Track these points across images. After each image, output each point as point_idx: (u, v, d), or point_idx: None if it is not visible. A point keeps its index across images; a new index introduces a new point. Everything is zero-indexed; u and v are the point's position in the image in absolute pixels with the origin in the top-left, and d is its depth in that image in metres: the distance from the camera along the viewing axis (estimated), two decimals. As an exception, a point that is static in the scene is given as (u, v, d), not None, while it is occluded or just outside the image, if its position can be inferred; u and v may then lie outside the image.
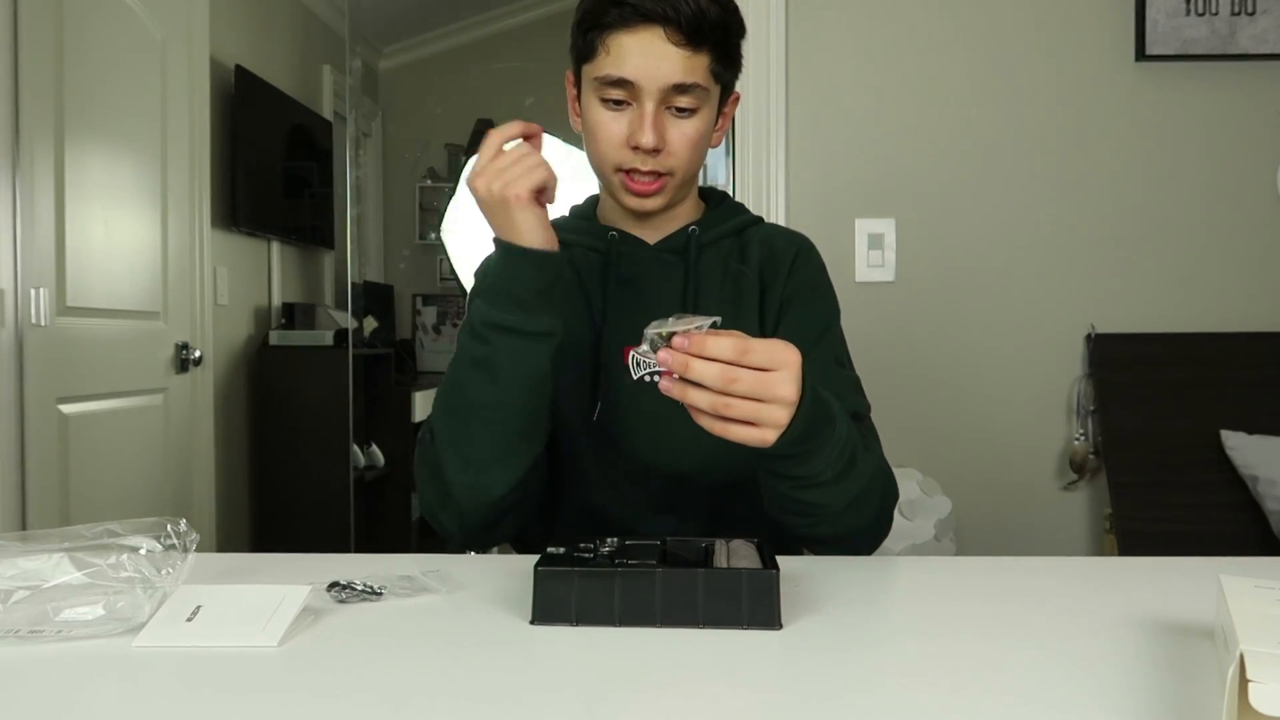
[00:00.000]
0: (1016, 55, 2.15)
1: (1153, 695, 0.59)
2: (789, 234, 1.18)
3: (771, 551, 0.78)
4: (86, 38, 2.27)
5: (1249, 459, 1.95)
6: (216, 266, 3.05)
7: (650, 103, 1.00)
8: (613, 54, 1.00)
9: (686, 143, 1.03)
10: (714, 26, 0.99)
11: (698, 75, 1.00)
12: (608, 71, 1.00)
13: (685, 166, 1.05)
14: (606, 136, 1.03)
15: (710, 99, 1.04)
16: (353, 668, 0.65)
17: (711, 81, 1.02)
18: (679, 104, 1.01)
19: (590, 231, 1.14)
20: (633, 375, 0.79)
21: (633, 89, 1.00)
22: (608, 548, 0.78)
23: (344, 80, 4.36)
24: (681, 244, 1.11)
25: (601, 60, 1.01)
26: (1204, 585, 0.73)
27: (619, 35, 0.99)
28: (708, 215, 1.15)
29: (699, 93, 1.01)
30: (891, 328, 2.14)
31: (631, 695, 0.60)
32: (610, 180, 1.07)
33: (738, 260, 1.12)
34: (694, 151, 1.04)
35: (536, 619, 0.73)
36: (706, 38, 0.99)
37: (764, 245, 1.14)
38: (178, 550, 0.76)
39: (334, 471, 3.45)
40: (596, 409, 1.07)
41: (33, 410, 2.08)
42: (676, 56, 0.99)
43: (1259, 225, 2.15)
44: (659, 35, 0.98)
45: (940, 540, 1.97)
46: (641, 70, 0.99)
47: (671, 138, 1.02)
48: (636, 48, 0.99)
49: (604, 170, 1.07)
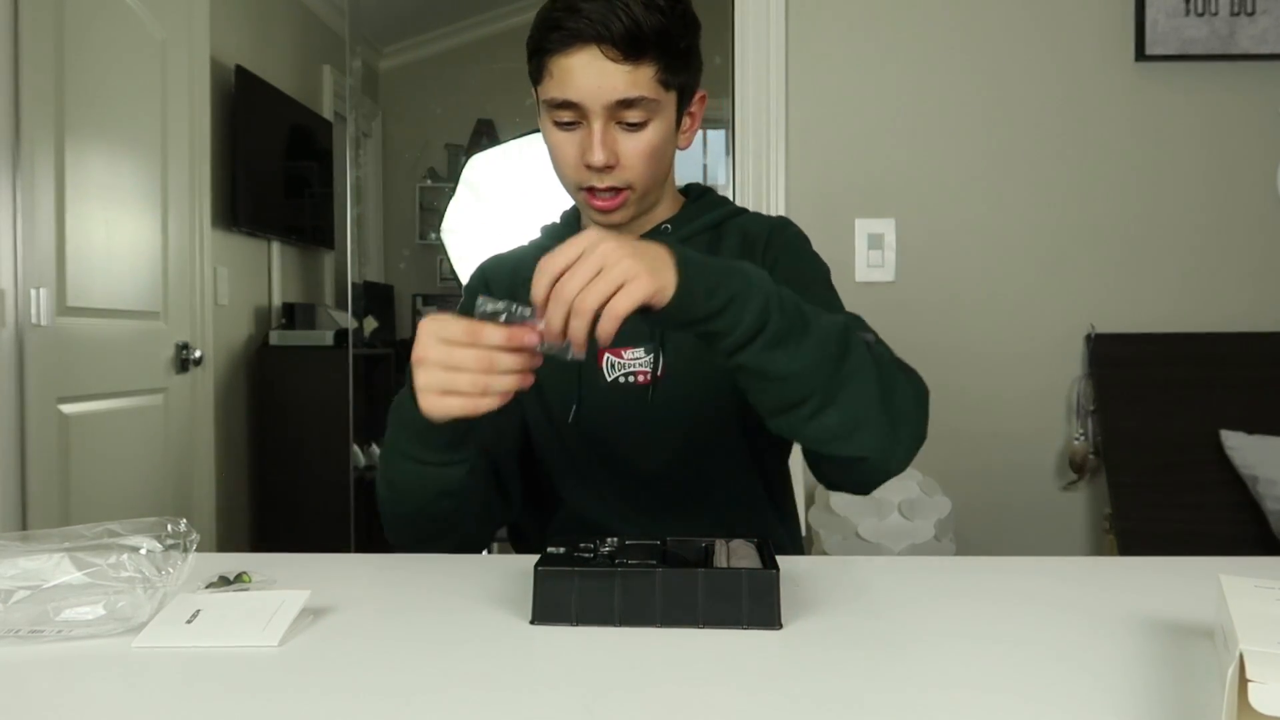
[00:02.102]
0: (1016, 55, 2.15)
1: (1153, 695, 0.59)
2: (766, 219, 1.17)
3: (772, 552, 0.78)
4: (87, 38, 2.27)
5: (1249, 459, 1.95)
6: (217, 266, 3.05)
7: (597, 121, 1.00)
8: (556, 77, 1.00)
9: (639, 156, 1.03)
10: (655, 34, 0.98)
11: (642, 88, 0.99)
12: (553, 94, 1.01)
13: (643, 179, 1.05)
14: (563, 158, 1.05)
15: (662, 108, 1.03)
16: (353, 668, 0.65)
17: (660, 91, 1.01)
18: (628, 119, 1.01)
19: (568, 235, 1.15)
20: (607, 377, 0.79)
21: (579, 109, 1.00)
22: (608, 548, 0.78)
23: (344, 80, 4.36)
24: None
25: (548, 84, 1.02)
26: (1204, 585, 0.73)
27: (559, 59, 0.99)
28: (683, 211, 1.15)
29: (647, 104, 1.00)
30: (891, 328, 2.12)
31: (631, 695, 0.60)
32: (577, 199, 1.09)
33: (711, 253, 1.12)
34: (649, 163, 1.04)
35: (537, 619, 0.73)
36: (648, 48, 0.98)
37: (740, 233, 1.14)
38: (178, 550, 0.76)
39: (334, 471, 3.45)
40: (572, 412, 1.07)
41: (33, 410, 2.08)
42: (617, 73, 0.98)
43: (1259, 225, 2.15)
44: (596, 54, 0.98)
45: (940, 540, 1.97)
46: (584, 91, 0.99)
47: (624, 152, 1.02)
48: (577, 69, 0.99)
49: (570, 190, 1.09)
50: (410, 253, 5.18)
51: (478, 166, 2.61)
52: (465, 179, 2.61)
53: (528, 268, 1.13)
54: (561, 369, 1.08)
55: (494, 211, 2.57)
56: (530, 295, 0.78)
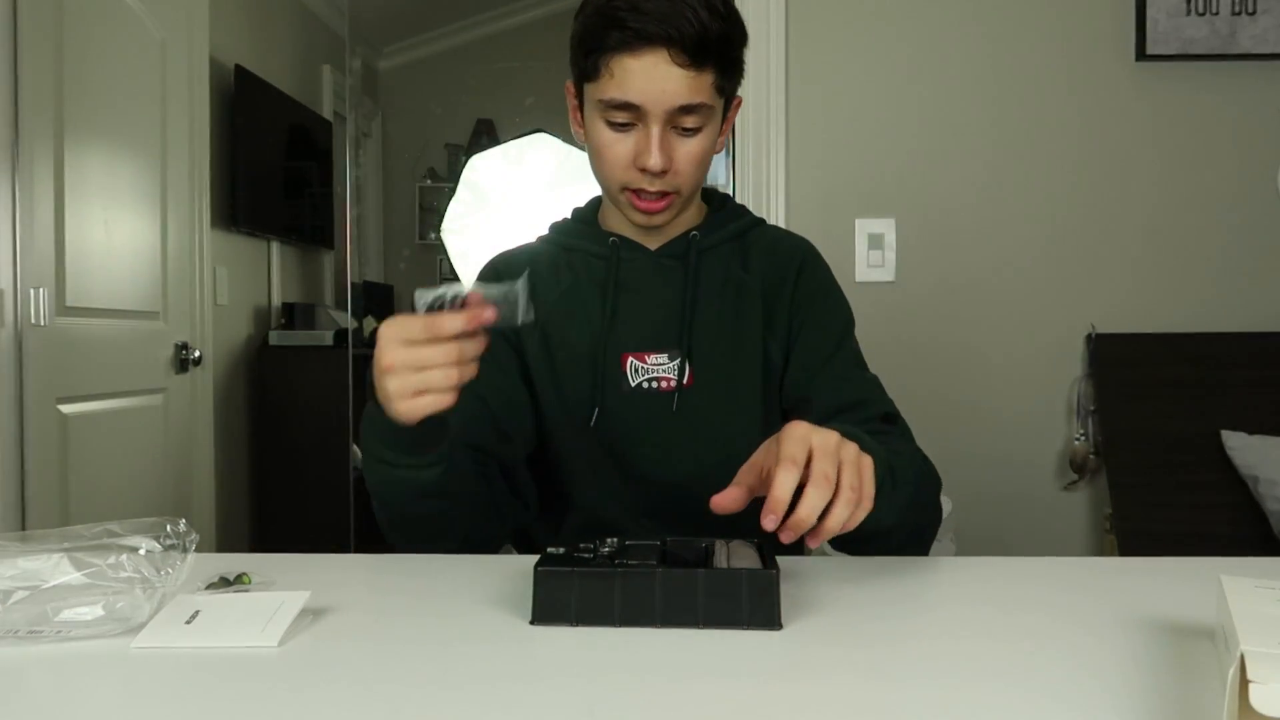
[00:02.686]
0: (1016, 55, 2.15)
1: (1153, 695, 0.59)
2: (791, 239, 1.18)
3: (772, 552, 0.78)
4: (86, 38, 2.27)
5: (1249, 459, 1.95)
6: (216, 266, 3.05)
7: (656, 125, 0.99)
8: (616, 77, 0.98)
9: (692, 161, 1.02)
10: (717, 42, 0.97)
11: (703, 95, 0.98)
12: (612, 95, 0.98)
13: (690, 183, 1.04)
14: (613, 159, 1.02)
15: (715, 115, 1.03)
16: (353, 668, 0.65)
17: (716, 98, 1.01)
18: (685, 124, 1.00)
19: (592, 236, 1.14)
20: (630, 383, 0.78)
21: (638, 112, 0.99)
22: (608, 548, 0.78)
23: (344, 80, 4.36)
24: (682, 250, 1.11)
25: (605, 83, 0.99)
26: (1204, 585, 0.73)
27: (622, 58, 0.97)
28: (709, 220, 1.15)
29: (704, 111, 1.00)
30: (892, 328, 2.14)
31: (631, 695, 0.60)
32: (617, 199, 1.07)
33: (740, 267, 1.12)
34: (699, 169, 1.04)
35: (536, 619, 0.73)
36: (710, 55, 0.97)
37: (767, 252, 1.14)
38: (177, 550, 0.76)
39: (334, 471, 3.45)
40: (594, 414, 1.06)
41: (33, 410, 2.08)
42: (681, 78, 0.97)
43: (1259, 225, 2.15)
44: (663, 57, 0.96)
45: (940, 540, 1.97)
46: (646, 94, 0.97)
47: (678, 158, 1.01)
48: (640, 71, 0.96)
49: (610, 189, 1.07)
50: (410, 253, 5.18)
51: (478, 166, 2.61)
52: (465, 179, 2.61)
53: (541, 264, 1.13)
54: (583, 373, 1.08)
55: (494, 211, 2.57)
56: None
